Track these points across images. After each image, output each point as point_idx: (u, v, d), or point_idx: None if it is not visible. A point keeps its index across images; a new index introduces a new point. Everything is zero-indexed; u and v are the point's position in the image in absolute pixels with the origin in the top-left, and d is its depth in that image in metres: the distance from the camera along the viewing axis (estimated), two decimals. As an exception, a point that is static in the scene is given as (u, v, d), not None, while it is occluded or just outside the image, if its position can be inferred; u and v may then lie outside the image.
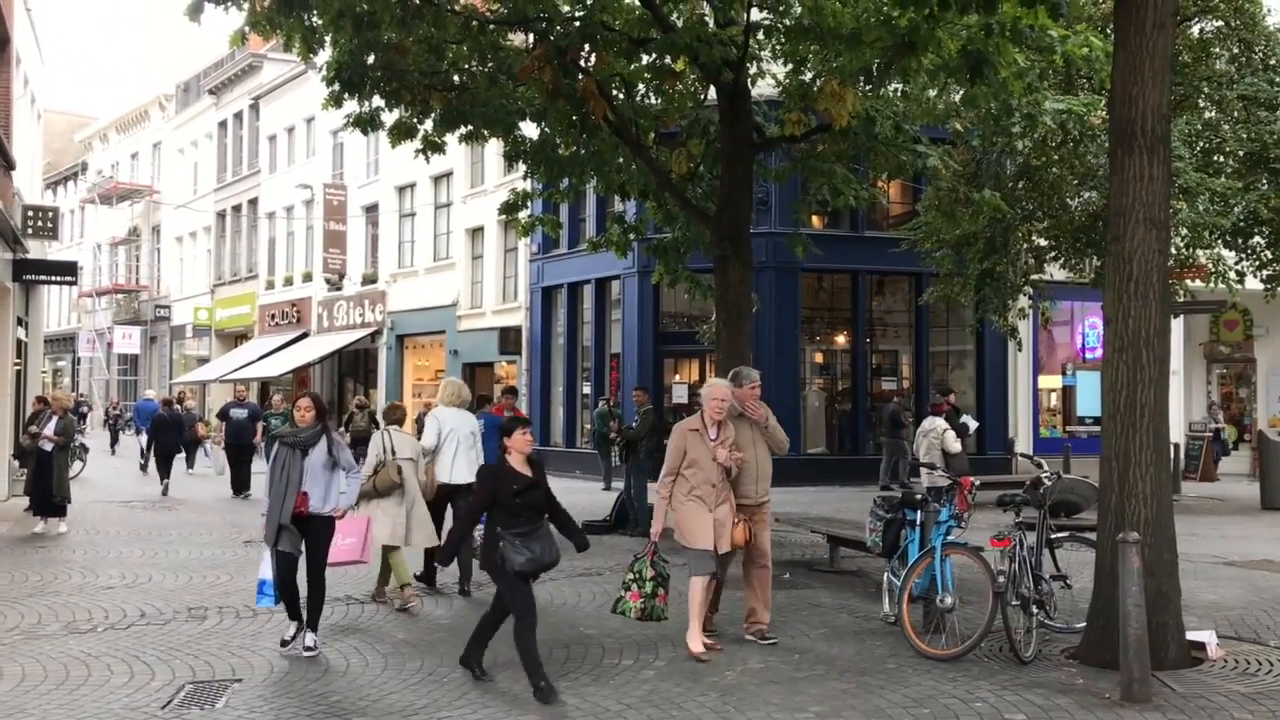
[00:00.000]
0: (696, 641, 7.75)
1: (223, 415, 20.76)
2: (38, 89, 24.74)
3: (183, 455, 23.78)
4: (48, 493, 14.17)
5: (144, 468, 23.74)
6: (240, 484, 19.46)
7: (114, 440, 35.58)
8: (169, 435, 20.85)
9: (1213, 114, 17.27)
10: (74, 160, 55.77)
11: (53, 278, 22.55)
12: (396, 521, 9.44)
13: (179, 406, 23.66)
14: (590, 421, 24.50)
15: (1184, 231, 15.81)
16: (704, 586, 7.85)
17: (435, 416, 10.32)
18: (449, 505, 10.14)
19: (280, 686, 6.95)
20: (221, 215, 43.26)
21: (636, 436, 14.59)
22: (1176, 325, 22.02)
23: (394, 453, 9.62)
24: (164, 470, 20.35)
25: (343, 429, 19.01)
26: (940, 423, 14.16)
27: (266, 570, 7.81)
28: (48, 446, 14.18)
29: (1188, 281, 18.23)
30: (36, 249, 22.25)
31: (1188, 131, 16.39)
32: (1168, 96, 7.68)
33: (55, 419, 14.42)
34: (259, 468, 17.54)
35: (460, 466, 10.07)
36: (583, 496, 19.35)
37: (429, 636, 8.30)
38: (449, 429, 10.14)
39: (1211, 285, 17.87)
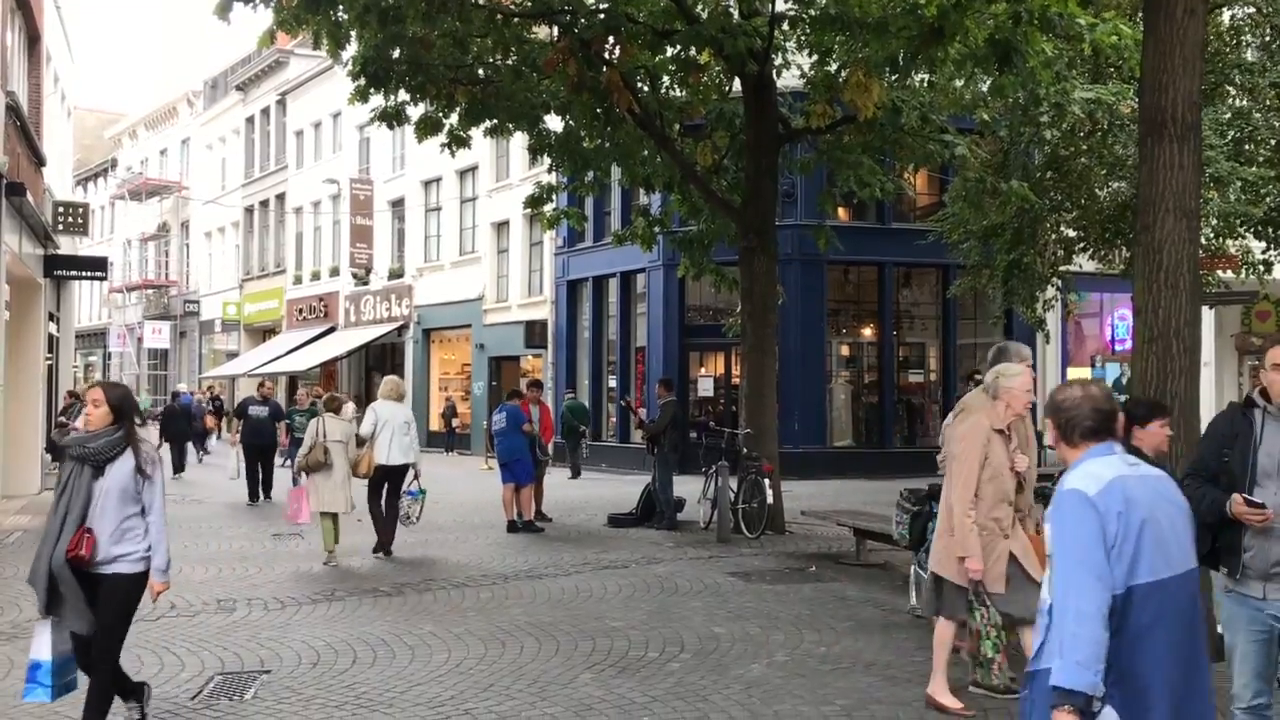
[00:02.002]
0: (947, 695, 6.19)
1: (240, 413, 18.61)
2: (68, 86, 24.97)
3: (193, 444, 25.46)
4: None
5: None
6: (256, 489, 17.64)
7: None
8: (177, 424, 23.25)
9: (1244, 102, 17.05)
10: (104, 157, 56.27)
11: (83, 273, 22.83)
12: (324, 493, 11.28)
13: (196, 396, 25.81)
14: (614, 414, 24.66)
15: (1215, 221, 15.64)
16: (954, 631, 6.36)
17: (373, 409, 12.03)
18: (385, 482, 11.90)
19: (309, 678, 6.98)
20: (249, 210, 43.54)
21: (657, 430, 14.63)
22: (1208, 316, 21.81)
23: (325, 436, 11.39)
24: (175, 455, 22.50)
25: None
26: None
27: (42, 647, 5.36)
28: None
29: (1219, 272, 18.02)
30: (67, 245, 22.47)
31: (1219, 120, 16.20)
32: (1198, 84, 7.59)
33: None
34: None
35: (394, 451, 11.76)
36: (608, 489, 19.40)
37: (455, 629, 8.33)
38: (384, 420, 11.80)
39: (1242, 277, 17.67)
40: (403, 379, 15.36)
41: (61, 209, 21.12)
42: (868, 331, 24.41)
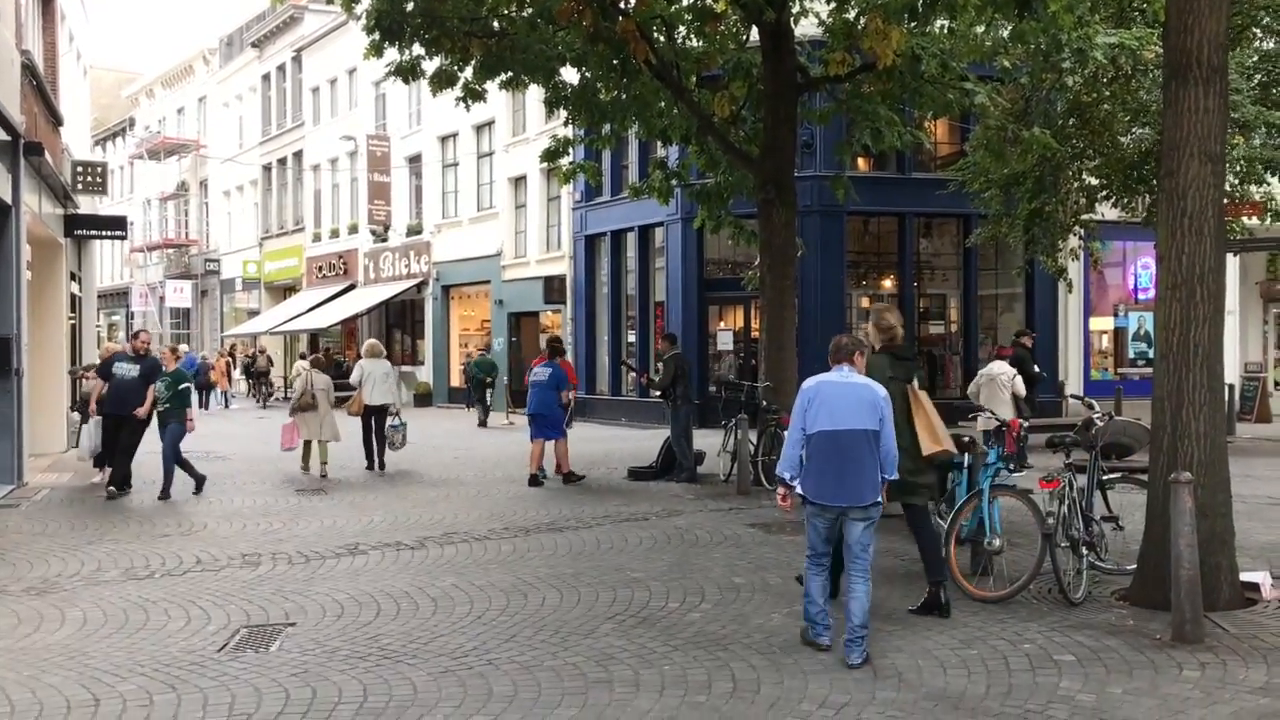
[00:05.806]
0: None
1: (104, 373, 13.86)
2: (83, 45, 24.90)
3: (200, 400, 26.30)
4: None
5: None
6: (121, 474, 13.53)
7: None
8: None
9: (1271, 45, 16.76)
10: (121, 116, 56.24)
11: (103, 232, 22.89)
12: (312, 426, 15.27)
13: (202, 355, 27.67)
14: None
15: (1239, 167, 15.42)
16: None
17: (360, 365, 16.36)
18: (372, 417, 15.92)
19: (333, 630, 7.06)
20: (267, 168, 43.51)
21: (662, 385, 14.69)
22: (1232, 264, 21.56)
23: (312, 385, 15.33)
24: None
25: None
26: (1009, 368, 14.07)
27: None
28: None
29: (1244, 219, 17.81)
30: (87, 204, 22.52)
31: (1244, 63, 15.91)
32: (1225, 25, 7.45)
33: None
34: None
35: (375, 393, 15.82)
36: (628, 444, 19.46)
37: (478, 581, 8.40)
38: (368, 372, 15.96)
39: (1267, 223, 17.47)
40: (423, 336, 16.50)
41: (80, 168, 21.13)
42: (888, 283, 24.26)
